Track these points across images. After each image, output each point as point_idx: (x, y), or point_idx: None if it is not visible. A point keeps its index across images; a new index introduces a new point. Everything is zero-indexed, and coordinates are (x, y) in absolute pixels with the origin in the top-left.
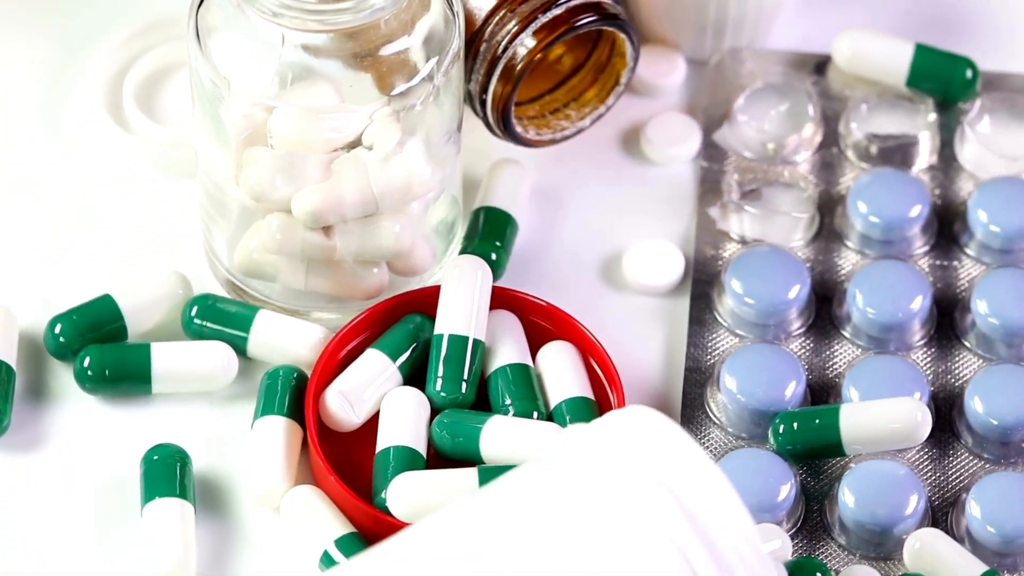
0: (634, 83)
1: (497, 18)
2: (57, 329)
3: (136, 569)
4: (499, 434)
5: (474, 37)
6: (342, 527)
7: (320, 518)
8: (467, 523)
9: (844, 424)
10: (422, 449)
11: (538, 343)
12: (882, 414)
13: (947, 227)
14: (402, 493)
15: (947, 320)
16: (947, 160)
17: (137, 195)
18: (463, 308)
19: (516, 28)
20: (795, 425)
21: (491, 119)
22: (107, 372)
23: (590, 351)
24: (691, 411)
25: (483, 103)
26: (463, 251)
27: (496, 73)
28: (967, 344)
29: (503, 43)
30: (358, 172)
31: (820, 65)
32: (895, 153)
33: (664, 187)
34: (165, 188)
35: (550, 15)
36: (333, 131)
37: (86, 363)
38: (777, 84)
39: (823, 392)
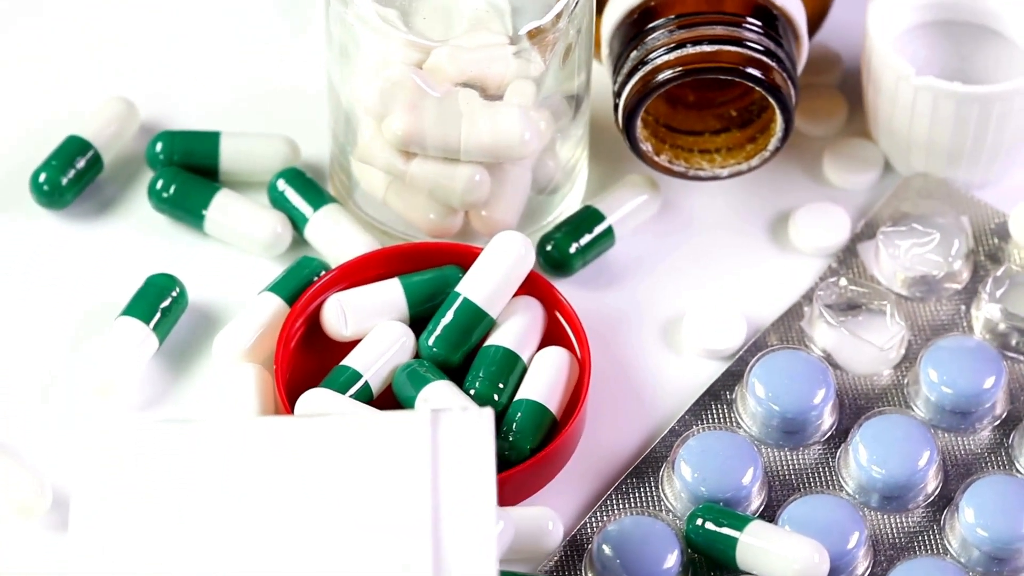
0: (824, 166)
1: (661, 30)
2: (158, 147)
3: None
4: (435, 396)
5: (635, 37)
6: (260, 414)
7: (248, 400)
8: (294, 431)
9: (743, 540)
10: (375, 384)
11: (553, 343)
12: (780, 547)
13: (1014, 421)
14: (307, 405)
15: (944, 502)
16: None
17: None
18: (488, 279)
19: (669, 46)
20: (704, 522)
21: (619, 122)
22: (170, 196)
23: (582, 365)
24: (645, 467)
25: (616, 106)
26: (547, 235)
27: (633, 80)
28: (945, 531)
29: (651, 54)
30: (450, 113)
31: (1002, 225)
32: (1014, 335)
33: (782, 270)
34: None
35: (699, 48)
36: (449, 65)
37: (159, 183)
38: (941, 224)
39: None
